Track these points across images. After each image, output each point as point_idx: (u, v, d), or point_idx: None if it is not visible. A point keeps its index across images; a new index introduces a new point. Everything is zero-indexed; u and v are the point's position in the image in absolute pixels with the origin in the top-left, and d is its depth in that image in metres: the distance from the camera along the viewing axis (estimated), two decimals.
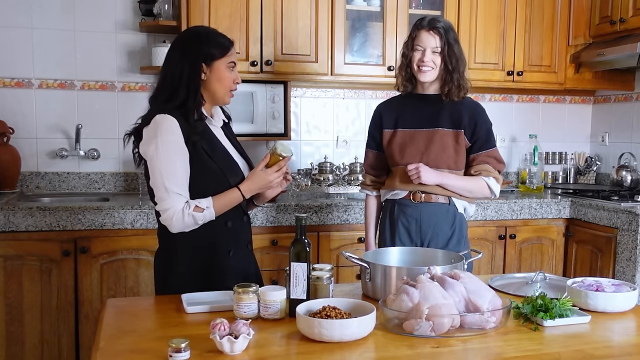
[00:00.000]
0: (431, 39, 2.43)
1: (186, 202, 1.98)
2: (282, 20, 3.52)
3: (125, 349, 1.52)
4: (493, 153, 2.52)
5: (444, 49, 2.42)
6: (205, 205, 1.99)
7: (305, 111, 4.04)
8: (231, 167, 2.10)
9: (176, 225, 1.98)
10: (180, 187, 1.98)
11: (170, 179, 1.96)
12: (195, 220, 1.98)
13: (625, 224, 3.34)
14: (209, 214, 2.00)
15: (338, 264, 3.37)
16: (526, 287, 2.07)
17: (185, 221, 1.97)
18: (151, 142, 1.97)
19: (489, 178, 2.48)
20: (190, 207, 1.97)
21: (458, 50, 2.46)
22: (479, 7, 3.82)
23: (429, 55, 2.43)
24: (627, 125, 4.26)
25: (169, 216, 1.97)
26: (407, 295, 1.65)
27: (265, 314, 1.72)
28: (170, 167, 1.97)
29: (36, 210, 3.01)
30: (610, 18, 3.82)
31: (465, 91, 2.51)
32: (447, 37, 2.43)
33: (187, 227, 2.00)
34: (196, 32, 2.14)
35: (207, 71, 2.06)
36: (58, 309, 3.08)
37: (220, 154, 2.09)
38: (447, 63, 2.44)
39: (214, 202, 2.01)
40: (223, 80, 2.09)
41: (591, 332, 1.70)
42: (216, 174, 2.05)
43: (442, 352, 1.52)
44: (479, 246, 3.50)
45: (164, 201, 1.97)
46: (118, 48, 3.71)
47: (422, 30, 2.45)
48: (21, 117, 3.59)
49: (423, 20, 2.47)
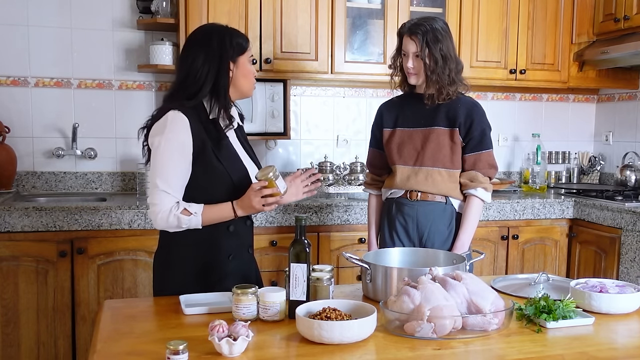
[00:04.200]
0: (412, 44, 2.44)
1: (176, 202, 1.97)
2: (281, 17, 3.50)
3: (123, 351, 1.51)
4: (486, 156, 2.51)
5: (422, 52, 2.42)
6: (194, 210, 1.97)
7: (305, 110, 4.01)
8: (237, 169, 2.08)
9: (160, 223, 1.98)
10: (172, 186, 1.97)
11: (164, 176, 1.95)
12: (180, 222, 1.96)
13: (630, 224, 3.31)
14: (195, 220, 1.98)
15: (338, 264, 3.35)
16: (529, 288, 2.05)
17: (169, 221, 1.96)
18: (157, 136, 1.98)
19: (476, 190, 2.48)
20: (179, 209, 1.96)
21: (442, 50, 2.42)
22: (481, 5, 3.80)
23: (411, 61, 2.45)
24: (632, 124, 4.23)
25: (154, 212, 1.97)
26: (408, 297, 1.64)
27: (264, 315, 1.71)
28: (167, 165, 1.95)
29: (32, 211, 2.98)
30: (614, 16, 3.80)
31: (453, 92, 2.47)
32: (427, 40, 2.41)
33: (170, 227, 1.98)
34: (216, 30, 2.09)
35: (234, 68, 2.06)
36: (54, 311, 3.06)
37: (228, 155, 2.07)
38: (426, 67, 2.43)
39: (203, 211, 1.98)
40: (248, 75, 2.11)
41: (595, 334, 1.69)
42: (221, 174, 2.03)
43: (444, 354, 1.51)
44: (481, 247, 3.48)
45: (153, 196, 1.97)
46: (115, 46, 3.68)
47: (404, 36, 2.47)
48: (17, 116, 3.56)
49: (405, 25, 2.50)
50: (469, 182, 2.49)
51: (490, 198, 2.54)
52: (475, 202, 2.50)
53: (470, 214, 2.50)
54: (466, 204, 2.51)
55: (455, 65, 2.47)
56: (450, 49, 2.45)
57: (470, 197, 2.50)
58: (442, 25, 2.46)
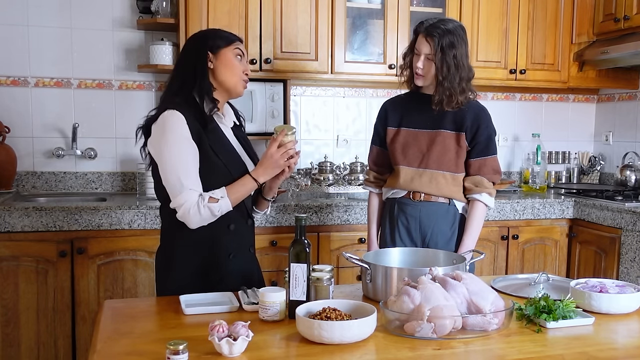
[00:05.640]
0: (426, 45, 2.40)
1: (200, 195, 1.95)
2: (281, 17, 3.49)
3: (123, 351, 1.51)
4: (491, 161, 2.50)
5: (436, 56, 2.38)
6: (219, 195, 1.96)
7: (305, 110, 4.01)
8: (236, 164, 2.08)
9: (194, 219, 1.95)
10: (193, 181, 1.96)
11: (185, 174, 1.94)
12: (212, 211, 1.95)
13: (630, 224, 3.30)
14: (224, 204, 1.97)
15: (338, 264, 3.35)
16: (529, 288, 2.05)
17: (203, 214, 1.94)
18: (160, 140, 1.97)
19: (481, 195, 2.48)
20: (205, 199, 1.94)
21: (456, 57, 2.38)
22: (481, 4, 3.80)
23: (421, 62, 2.41)
24: (632, 124, 4.23)
25: (186, 211, 1.93)
26: (408, 297, 1.63)
27: (264, 315, 1.71)
28: (182, 162, 1.95)
29: (32, 211, 2.98)
30: (614, 15, 3.80)
31: (462, 101, 2.44)
32: (442, 43, 2.36)
33: (205, 220, 1.97)
34: (203, 30, 2.24)
35: (214, 59, 2.06)
36: (54, 311, 3.05)
37: (225, 151, 2.06)
38: (438, 72, 2.39)
39: (228, 192, 1.98)
40: (232, 68, 2.08)
41: (595, 334, 1.69)
42: (221, 169, 2.02)
43: (444, 354, 1.51)
44: (481, 247, 3.46)
45: (178, 196, 1.94)
46: (115, 46, 3.68)
47: (420, 35, 2.43)
48: (17, 116, 3.56)
49: (423, 23, 2.45)
50: (473, 186, 2.48)
51: (493, 203, 2.53)
52: (479, 207, 2.49)
53: (475, 219, 2.49)
54: (470, 208, 2.50)
55: (467, 74, 2.43)
56: (463, 57, 2.41)
57: (474, 202, 2.49)
58: (459, 32, 2.42)
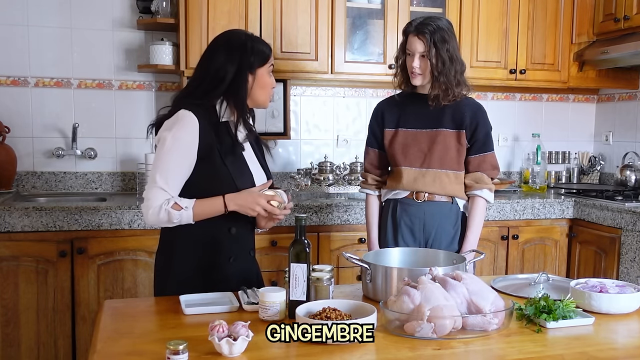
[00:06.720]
0: (419, 43, 2.40)
1: (168, 198, 1.95)
2: (281, 17, 3.49)
3: (123, 351, 1.51)
4: (489, 158, 2.52)
5: (429, 52, 2.39)
6: (185, 205, 1.95)
7: (305, 110, 4.01)
8: (243, 176, 2.06)
9: (151, 218, 1.95)
10: (170, 184, 1.95)
11: (164, 174, 1.94)
12: (170, 217, 1.94)
13: (630, 224, 3.30)
14: (186, 215, 1.95)
15: (338, 264, 3.35)
16: (529, 288, 2.05)
17: (160, 216, 1.94)
18: (165, 132, 1.98)
19: (482, 191, 2.49)
20: (170, 203, 1.94)
21: (449, 51, 2.40)
22: (481, 4, 3.80)
23: (417, 61, 2.42)
24: (632, 124, 4.23)
25: (147, 207, 1.95)
26: (408, 297, 1.63)
27: (264, 315, 1.70)
28: (169, 163, 1.95)
29: (32, 211, 2.98)
30: (614, 15, 3.80)
31: (458, 94, 2.46)
32: (434, 40, 2.38)
33: (160, 222, 1.96)
34: (240, 38, 2.07)
35: (251, 78, 2.04)
36: (54, 311, 3.05)
37: (234, 160, 2.05)
38: (433, 67, 2.40)
39: (195, 205, 1.96)
40: (266, 87, 2.08)
41: (595, 334, 1.69)
42: (225, 178, 2.01)
43: (444, 354, 1.51)
44: (481, 247, 3.43)
45: (149, 191, 1.96)
46: (115, 46, 3.68)
47: (410, 35, 2.44)
48: (17, 116, 3.56)
49: (412, 23, 2.46)
50: (474, 183, 2.49)
51: (493, 199, 2.54)
52: (481, 203, 2.50)
53: (477, 215, 2.50)
54: (472, 205, 2.51)
55: (461, 67, 2.46)
56: (455, 50, 2.44)
57: (475, 198, 2.50)
58: (447, 26, 2.44)
